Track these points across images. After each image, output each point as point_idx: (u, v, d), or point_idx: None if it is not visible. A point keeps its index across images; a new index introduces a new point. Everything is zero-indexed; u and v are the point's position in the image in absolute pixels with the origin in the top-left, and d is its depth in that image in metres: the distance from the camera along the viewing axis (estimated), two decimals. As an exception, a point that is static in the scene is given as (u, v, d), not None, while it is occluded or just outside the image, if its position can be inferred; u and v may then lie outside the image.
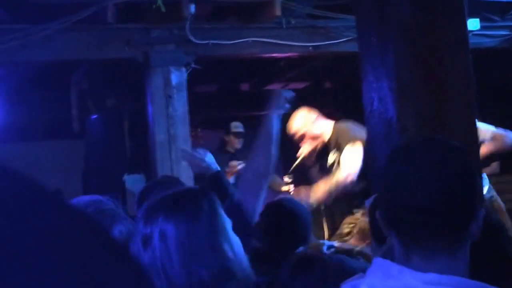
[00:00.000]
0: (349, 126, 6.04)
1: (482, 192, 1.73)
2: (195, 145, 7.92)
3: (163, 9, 7.00)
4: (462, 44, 3.70)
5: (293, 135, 6.15)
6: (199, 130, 9.85)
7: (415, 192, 1.62)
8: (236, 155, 8.21)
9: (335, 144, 5.97)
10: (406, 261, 1.64)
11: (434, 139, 1.79)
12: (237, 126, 8.61)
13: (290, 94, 4.05)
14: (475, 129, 3.68)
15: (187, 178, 6.48)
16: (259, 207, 3.37)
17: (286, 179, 6.66)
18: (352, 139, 5.78)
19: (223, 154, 8.09)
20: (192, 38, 7.32)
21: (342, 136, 5.93)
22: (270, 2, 7.44)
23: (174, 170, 6.97)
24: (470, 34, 7.37)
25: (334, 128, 6.08)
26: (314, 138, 6.09)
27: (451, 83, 3.59)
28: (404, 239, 1.66)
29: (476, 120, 3.83)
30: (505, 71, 8.98)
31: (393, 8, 3.67)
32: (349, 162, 5.69)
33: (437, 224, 1.62)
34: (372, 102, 3.63)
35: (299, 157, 6.22)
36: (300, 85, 11.34)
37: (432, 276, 1.58)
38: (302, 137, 6.12)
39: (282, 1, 7.45)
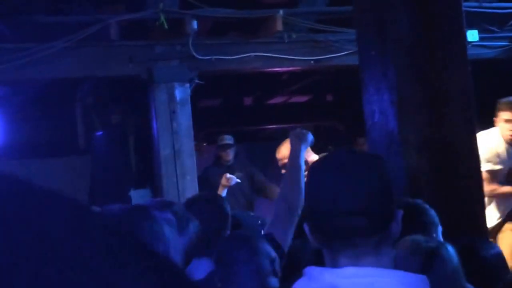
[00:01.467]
0: None
1: (396, 196, 1.81)
2: (199, 159, 8.00)
3: (166, 26, 7.10)
4: (461, 56, 3.77)
5: (279, 161, 6.11)
6: (204, 144, 9.92)
7: (337, 198, 1.71)
8: (231, 167, 8.25)
9: None
10: (335, 266, 1.73)
11: (347, 151, 1.94)
12: (222, 139, 8.63)
13: (310, 137, 4.06)
14: (474, 139, 3.75)
15: (192, 192, 6.56)
16: (288, 241, 3.34)
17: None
18: None
19: (220, 168, 8.15)
20: (195, 54, 7.40)
21: None
22: (272, 17, 7.54)
23: (179, 185, 7.04)
24: (469, 46, 7.48)
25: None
26: None
27: (450, 95, 3.66)
28: (331, 244, 1.75)
29: (476, 130, 3.89)
30: (504, 81, 9.03)
31: (392, 22, 3.75)
32: None
33: (361, 226, 1.71)
34: (373, 115, 3.70)
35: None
36: (302, 99, 11.43)
37: (349, 270, 1.69)
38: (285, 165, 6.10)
39: (283, 16, 7.55)
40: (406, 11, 3.62)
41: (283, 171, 6.10)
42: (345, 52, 7.78)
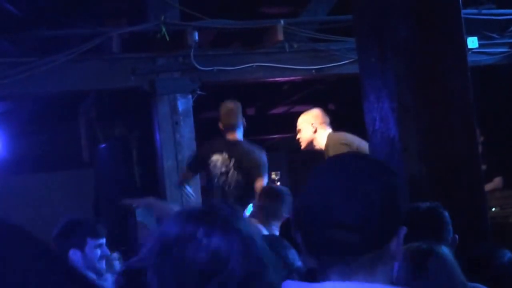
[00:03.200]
0: (341, 136, 6.31)
1: (403, 209, 1.63)
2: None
3: (167, 38, 7.13)
4: (460, 62, 3.79)
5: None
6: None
7: (330, 207, 1.54)
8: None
9: (327, 154, 6.16)
10: (324, 281, 1.58)
11: (354, 155, 1.75)
12: None
13: None
14: (475, 146, 3.76)
15: (195, 203, 6.57)
16: None
17: (273, 176, 6.79)
18: (340, 149, 5.92)
19: None
20: (197, 65, 7.43)
21: (332, 146, 6.14)
22: (273, 27, 7.57)
23: (184, 197, 7.05)
24: (469, 52, 7.51)
25: (328, 138, 6.35)
26: (304, 139, 6.48)
27: (450, 101, 3.68)
28: (322, 257, 1.58)
29: (477, 137, 3.91)
30: (505, 87, 9.05)
31: (392, 30, 3.77)
32: None
33: (354, 243, 1.54)
34: (374, 122, 3.72)
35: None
36: (304, 108, 11.42)
37: (328, 285, 1.55)
38: (298, 131, 6.60)
39: (284, 26, 7.57)
40: (405, 19, 3.65)
41: None
42: (347, 61, 7.80)
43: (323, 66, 7.89)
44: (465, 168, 3.75)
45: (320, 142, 6.37)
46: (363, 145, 5.56)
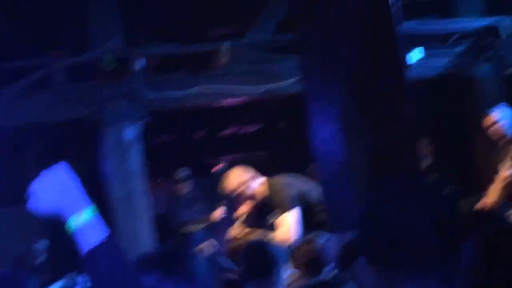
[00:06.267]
0: (281, 184, 5.93)
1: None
2: (157, 197, 7.93)
3: (112, 66, 7.06)
4: (401, 79, 3.79)
5: (229, 195, 6.10)
6: (160, 180, 9.84)
7: (403, 233, 1.58)
8: (191, 200, 8.29)
9: (270, 203, 5.88)
10: None
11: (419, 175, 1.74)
12: (179, 173, 8.69)
13: None
14: (421, 162, 3.77)
15: (148, 233, 6.49)
16: None
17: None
18: (283, 204, 5.74)
19: (180, 203, 8.24)
20: (143, 92, 7.36)
21: (274, 196, 5.83)
22: (219, 50, 7.54)
23: (136, 226, 6.96)
24: (414, 64, 7.57)
25: (268, 185, 5.96)
26: (249, 198, 5.99)
27: (396, 118, 3.68)
28: (396, 271, 1.61)
29: (423, 154, 3.92)
30: (450, 97, 9.14)
31: (333, 50, 3.77)
32: (285, 233, 5.54)
33: (431, 255, 1.58)
34: (322, 144, 3.70)
35: (237, 218, 6.11)
36: (253, 128, 11.43)
37: None
38: (238, 197, 6.03)
39: (230, 48, 7.55)
40: (346, 40, 3.64)
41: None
42: (294, 79, 7.80)
43: (270, 85, 7.86)
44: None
45: (262, 191, 5.97)
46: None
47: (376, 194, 1.70)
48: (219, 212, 7.21)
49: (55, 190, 1.83)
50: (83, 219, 1.78)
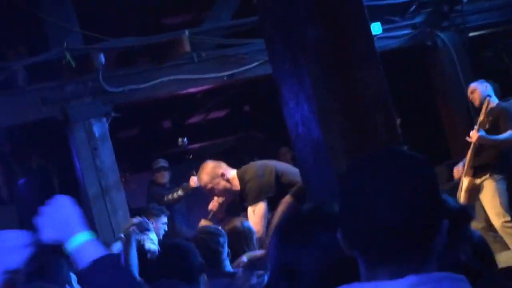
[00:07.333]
0: (252, 173, 5.88)
1: (444, 205, 1.67)
2: (126, 190, 7.91)
3: (73, 64, 7.00)
4: (371, 55, 3.80)
5: (202, 188, 6.09)
6: (127, 174, 9.79)
7: (376, 209, 1.54)
8: (169, 189, 8.32)
9: (243, 193, 5.88)
10: (373, 279, 1.57)
11: (392, 151, 1.67)
12: (157, 163, 8.71)
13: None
14: (397, 135, 3.79)
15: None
16: None
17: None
18: (252, 196, 5.77)
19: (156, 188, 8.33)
20: (107, 88, 7.31)
21: (247, 188, 5.83)
22: (178, 38, 7.51)
23: (112, 222, 6.94)
24: (374, 38, 7.60)
25: (239, 177, 5.92)
26: (221, 192, 5.98)
27: (367, 94, 3.69)
28: (369, 257, 1.58)
29: (397, 127, 3.94)
30: (411, 69, 9.21)
31: (297, 31, 3.75)
32: (253, 225, 5.50)
33: (401, 241, 1.54)
34: (297, 127, 3.70)
35: (210, 211, 6.12)
36: (221, 114, 11.44)
37: (411, 279, 1.54)
38: (210, 191, 6.01)
39: (190, 36, 7.52)
40: (310, 19, 3.63)
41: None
42: (257, 63, 7.81)
43: (233, 71, 7.86)
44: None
45: (236, 183, 5.91)
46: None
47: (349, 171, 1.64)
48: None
49: (60, 222, 1.90)
50: (78, 241, 1.86)
